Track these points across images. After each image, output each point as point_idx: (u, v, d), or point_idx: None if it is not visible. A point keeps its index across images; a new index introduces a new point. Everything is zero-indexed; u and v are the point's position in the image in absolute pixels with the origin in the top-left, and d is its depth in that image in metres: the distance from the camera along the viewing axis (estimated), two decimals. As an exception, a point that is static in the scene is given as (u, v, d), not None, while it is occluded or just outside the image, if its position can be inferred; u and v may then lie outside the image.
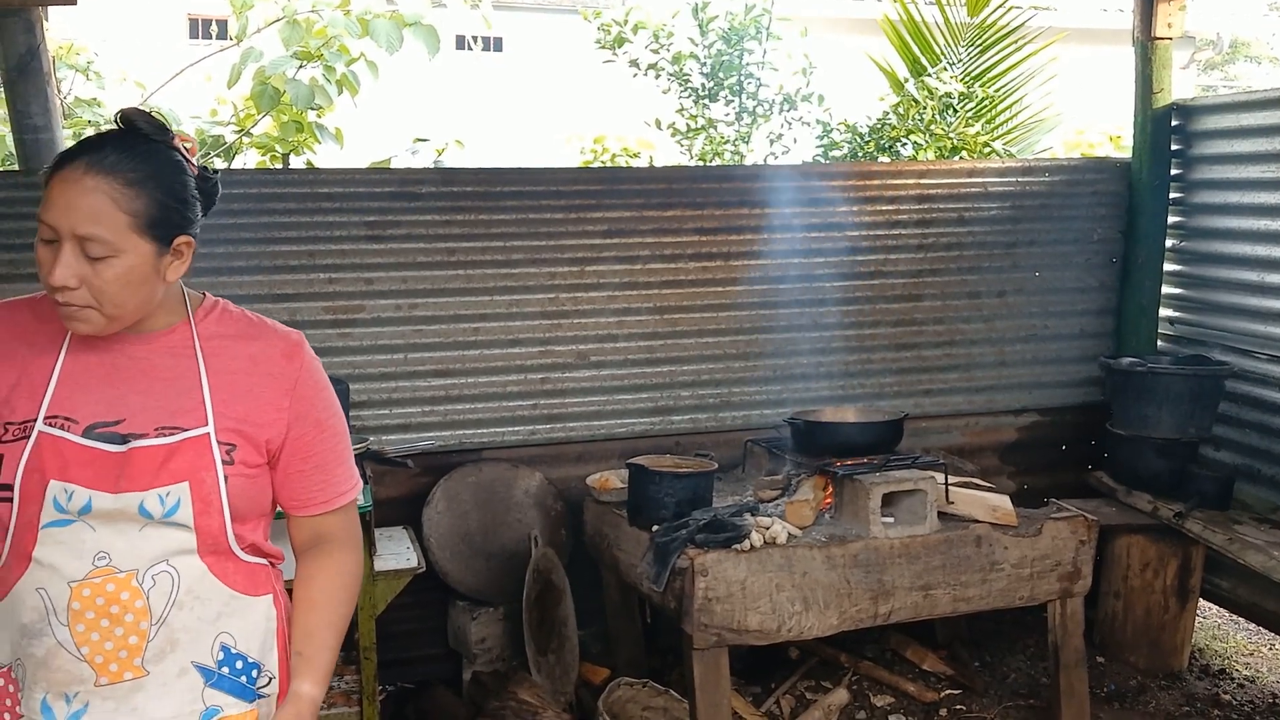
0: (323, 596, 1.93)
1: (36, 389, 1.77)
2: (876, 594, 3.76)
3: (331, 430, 1.94)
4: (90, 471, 1.73)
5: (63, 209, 1.67)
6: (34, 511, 1.73)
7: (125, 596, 1.74)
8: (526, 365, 4.74)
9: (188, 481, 1.76)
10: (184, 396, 1.80)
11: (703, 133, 6.66)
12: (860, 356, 5.08)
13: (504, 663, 4.47)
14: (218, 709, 1.84)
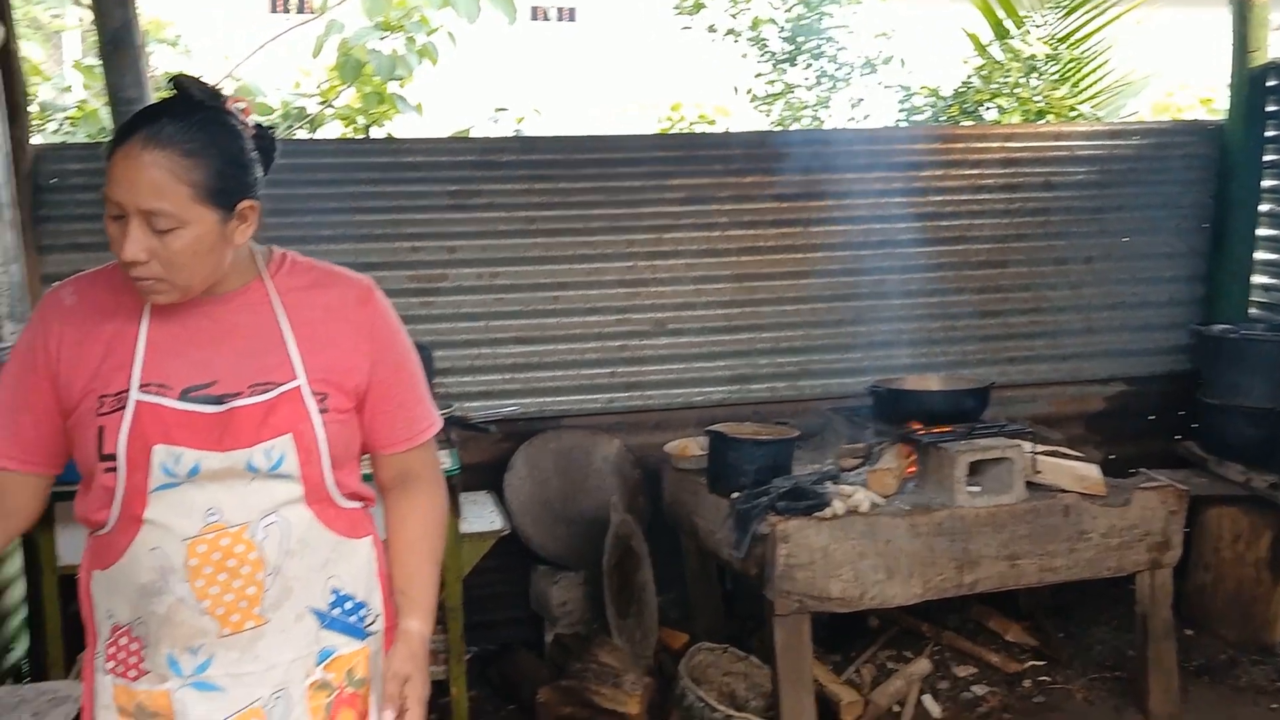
0: (418, 535, 1.99)
1: (125, 360, 1.79)
2: (961, 563, 3.72)
3: (409, 370, 1.98)
4: (193, 434, 1.76)
5: (126, 186, 1.68)
6: (141, 477, 1.76)
7: (240, 549, 1.79)
8: (605, 333, 4.76)
9: (290, 434, 1.80)
10: (270, 352, 1.83)
11: (781, 98, 6.60)
12: (943, 324, 5.02)
13: (585, 626, 4.51)
14: (332, 649, 1.90)
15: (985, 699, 4.27)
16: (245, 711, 1.83)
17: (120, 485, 1.76)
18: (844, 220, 4.90)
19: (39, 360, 1.82)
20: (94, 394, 1.79)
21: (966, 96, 6.34)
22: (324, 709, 1.89)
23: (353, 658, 1.92)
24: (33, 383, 1.82)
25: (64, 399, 1.81)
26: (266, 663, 1.84)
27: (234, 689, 1.82)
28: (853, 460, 4.05)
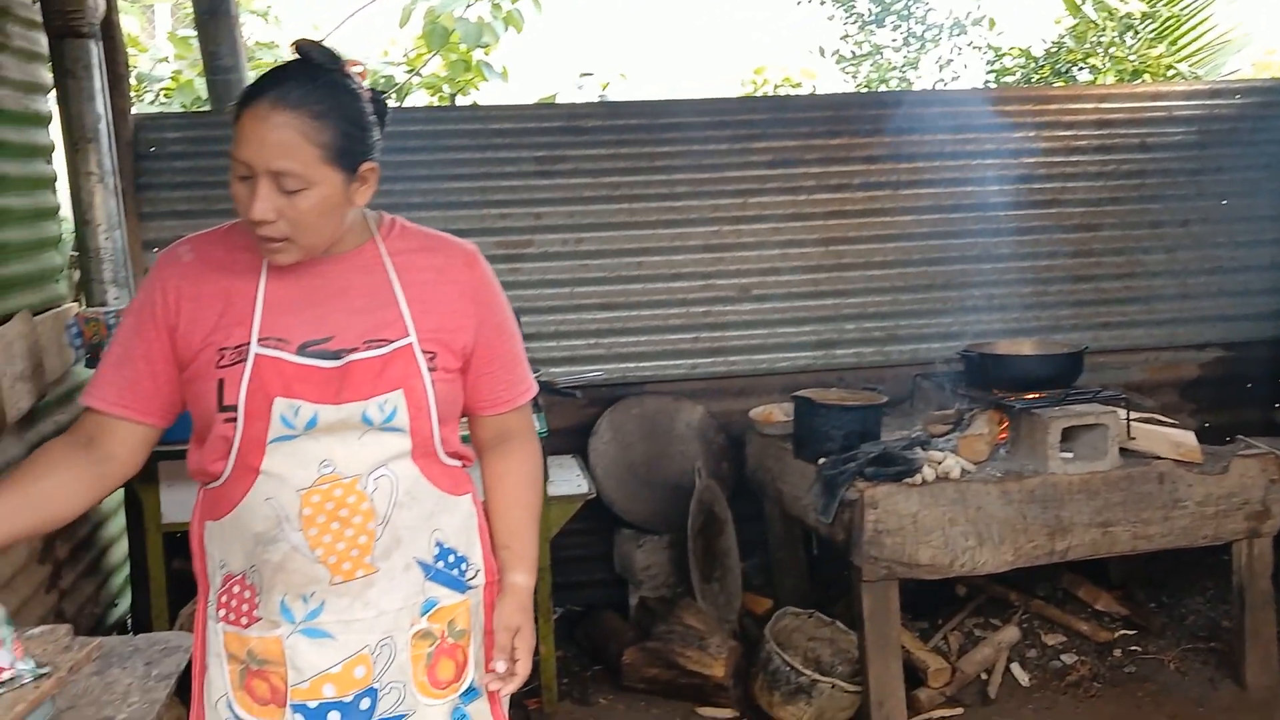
0: (518, 491, 2.04)
1: (244, 315, 1.83)
2: (1053, 530, 3.68)
3: (510, 332, 2.02)
4: (311, 387, 1.80)
5: (256, 146, 1.71)
6: (261, 428, 1.80)
7: (352, 500, 1.83)
8: (689, 299, 4.76)
9: (402, 389, 1.84)
10: (384, 310, 1.86)
11: (868, 59, 6.52)
12: (1035, 289, 4.93)
13: (669, 590, 4.54)
14: (435, 600, 1.93)
15: (1074, 668, 4.23)
16: (353, 658, 1.87)
17: (238, 436, 1.81)
18: (933, 183, 4.84)
19: (157, 314, 1.86)
20: (213, 347, 1.83)
21: (1059, 57, 6.20)
22: (425, 658, 1.92)
23: (454, 609, 1.96)
24: (149, 335, 1.86)
25: (181, 352, 1.86)
26: (375, 610, 1.88)
27: (343, 636, 1.87)
28: (942, 426, 4.01)
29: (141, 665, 2.11)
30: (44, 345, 3.60)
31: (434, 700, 1.93)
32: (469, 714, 1.97)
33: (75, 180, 3.87)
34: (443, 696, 1.94)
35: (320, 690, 1.86)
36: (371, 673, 1.89)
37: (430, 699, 1.93)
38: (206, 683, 1.93)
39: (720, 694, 3.97)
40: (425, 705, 1.92)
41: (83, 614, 3.89)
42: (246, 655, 1.88)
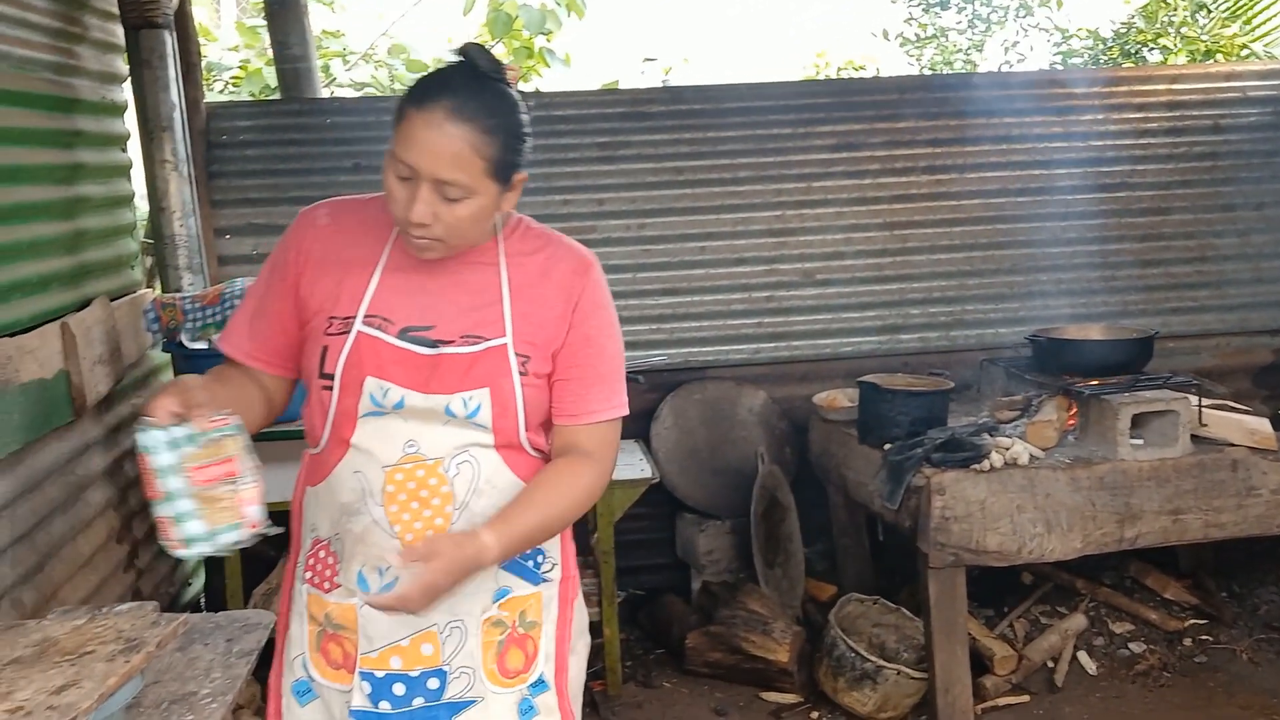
0: (549, 482, 1.92)
1: (358, 289, 1.89)
2: (1123, 517, 3.63)
3: (598, 348, 1.96)
4: (403, 371, 1.85)
5: (428, 154, 1.74)
6: (352, 402, 1.87)
7: (433, 482, 1.87)
8: (751, 284, 4.75)
9: (488, 388, 1.86)
10: (487, 309, 1.89)
11: (933, 41, 6.45)
12: (1104, 273, 4.86)
13: (731, 575, 4.55)
14: (508, 589, 1.96)
15: (1143, 657, 4.19)
16: (420, 634, 1.91)
17: (333, 406, 1.88)
18: (1000, 166, 4.79)
19: (288, 270, 1.95)
20: (324, 313, 1.91)
21: (1128, 37, 6.09)
22: (496, 645, 1.94)
23: (526, 600, 1.98)
24: (279, 290, 1.95)
25: (300, 310, 1.95)
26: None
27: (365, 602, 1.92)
28: (1010, 412, 3.97)
29: (223, 642, 2.16)
30: (121, 330, 3.68)
31: (502, 689, 1.95)
32: (537, 706, 1.98)
33: (150, 168, 3.95)
34: (511, 686, 1.96)
35: (388, 661, 1.91)
36: (440, 653, 1.92)
37: (499, 687, 1.95)
38: (288, 639, 2.01)
39: (784, 679, 3.98)
40: (494, 693, 1.94)
41: (158, 592, 3.98)
42: (324, 618, 1.95)
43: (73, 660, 1.69)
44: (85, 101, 3.72)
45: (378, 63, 6.11)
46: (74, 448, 3.38)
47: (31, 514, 3.05)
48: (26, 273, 3.16)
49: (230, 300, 3.50)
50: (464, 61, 1.83)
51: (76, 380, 3.27)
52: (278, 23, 4.50)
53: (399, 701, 1.91)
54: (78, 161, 3.63)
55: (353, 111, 4.69)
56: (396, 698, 1.91)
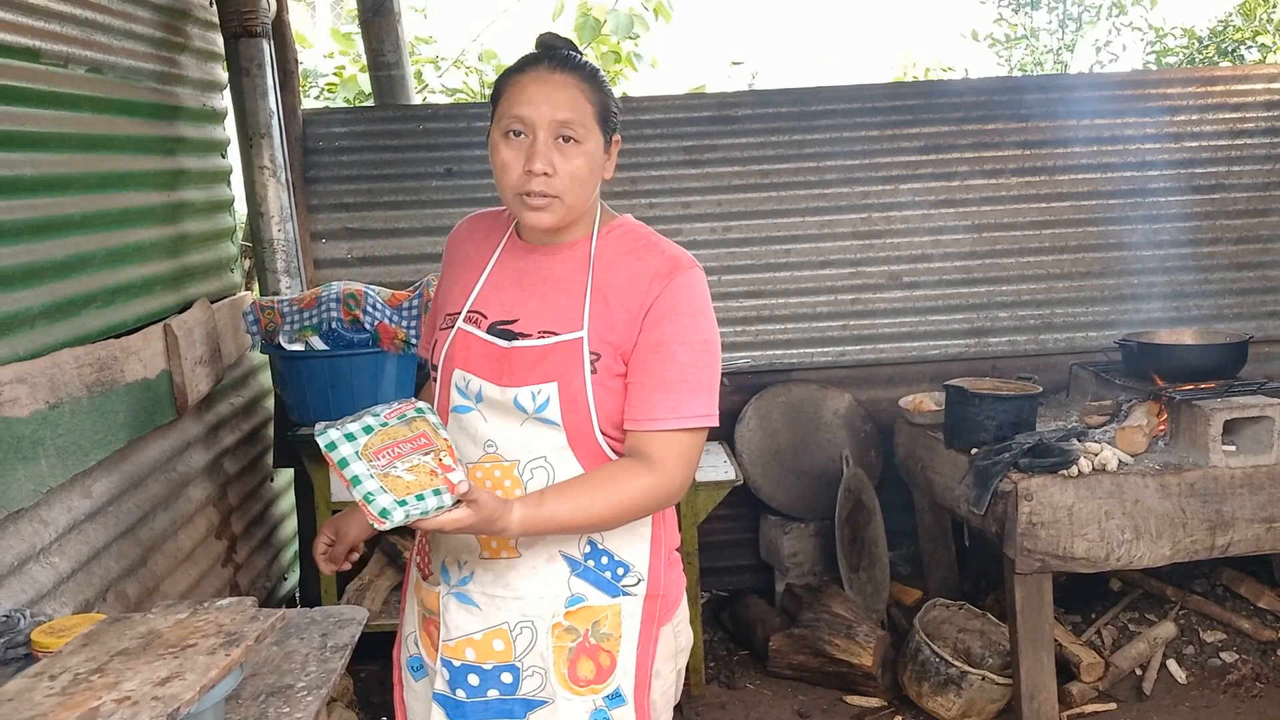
0: (596, 478, 1.88)
1: (468, 288, 2.02)
2: (1214, 525, 3.56)
3: (669, 355, 1.90)
4: (484, 364, 1.93)
5: (540, 100, 1.84)
6: (446, 395, 1.98)
7: (507, 483, 1.92)
8: (837, 286, 4.74)
9: (556, 382, 1.88)
10: (569, 306, 1.92)
11: (1023, 42, 6.36)
12: (1197, 276, 4.77)
13: (815, 577, 4.55)
14: (581, 598, 1.96)
15: (1235, 666, 4.09)
16: (492, 630, 1.97)
17: (437, 397, 2.01)
18: (1090, 168, 4.71)
19: (441, 275, 2.16)
20: (442, 311, 2.07)
21: (1225, 36, 5.94)
22: (567, 651, 1.95)
23: (601, 610, 1.96)
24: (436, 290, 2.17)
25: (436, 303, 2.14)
26: (516, 592, 1.96)
27: (486, 608, 1.97)
28: (1099, 417, 3.92)
29: (318, 636, 2.21)
30: (221, 331, 3.79)
31: (573, 695, 1.95)
32: (612, 718, 1.96)
33: (249, 174, 4.06)
34: (582, 694, 1.95)
35: (463, 652, 1.98)
36: (512, 650, 1.96)
37: (569, 693, 1.95)
38: (405, 617, 2.16)
39: (868, 683, 3.97)
40: (564, 698, 1.95)
41: (255, 587, 4.09)
42: (420, 602, 2.08)
43: (176, 652, 1.75)
44: (187, 109, 3.84)
45: (468, 69, 6.20)
46: (175, 445, 3.50)
47: (135, 509, 3.17)
48: (131, 276, 3.28)
49: (326, 303, 3.59)
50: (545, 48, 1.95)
51: (178, 380, 3.38)
52: (372, 30, 4.59)
53: (473, 691, 1.98)
54: (180, 168, 3.75)
55: (444, 117, 4.77)
56: (471, 687, 1.98)
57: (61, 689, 1.67)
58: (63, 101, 2.96)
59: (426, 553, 2.10)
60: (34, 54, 2.82)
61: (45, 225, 2.81)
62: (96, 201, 3.11)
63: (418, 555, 2.14)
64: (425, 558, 2.10)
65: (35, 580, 2.60)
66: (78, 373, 2.81)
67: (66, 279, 2.89)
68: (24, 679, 1.72)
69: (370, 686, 4.04)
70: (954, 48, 6.34)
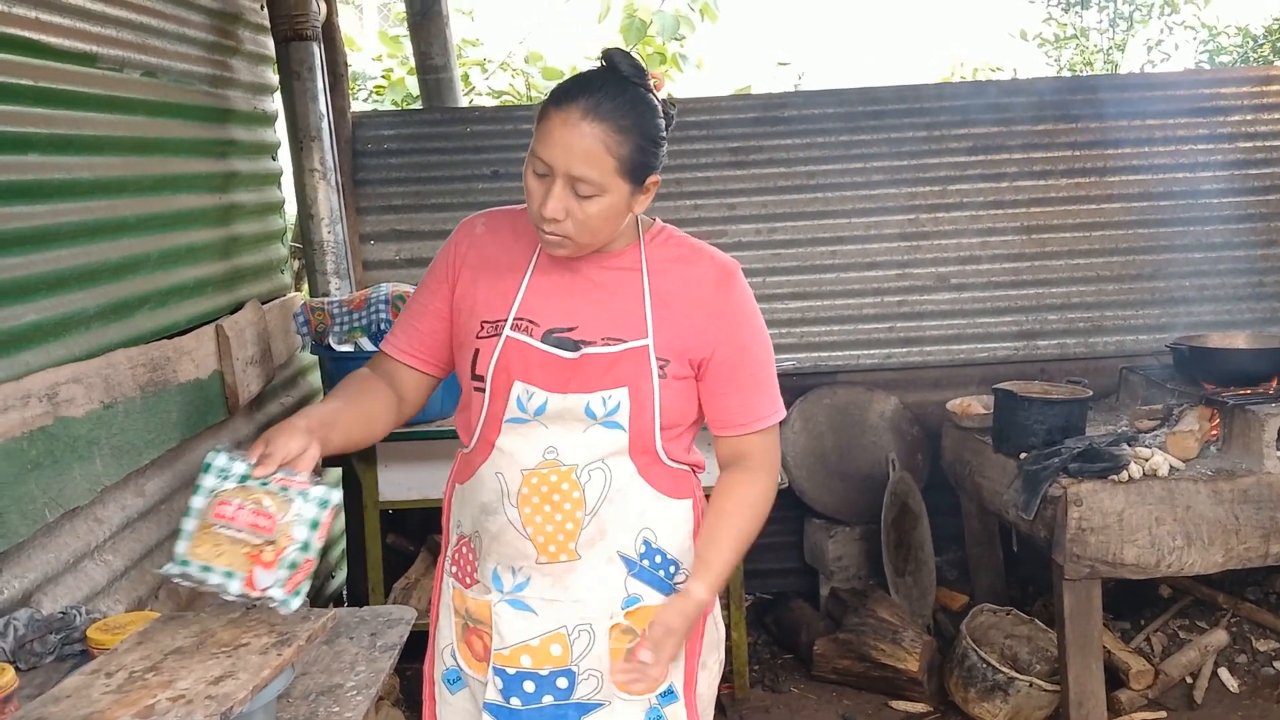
0: (732, 508, 1.98)
1: (508, 294, 1.97)
2: (1268, 532, 3.51)
3: (753, 357, 1.99)
4: (547, 375, 1.92)
5: (561, 150, 1.81)
6: (500, 406, 1.95)
7: (565, 487, 1.93)
8: (884, 288, 4.71)
9: (627, 387, 1.92)
10: (629, 312, 1.95)
11: (1073, 41, 6.29)
12: (1251, 279, 4.69)
13: (860, 581, 4.52)
14: (638, 598, 1.99)
15: (1290, 677, 4.04)
16: (550, 635, 1.97)
17: (484, 409, 1.97)
18: (1143, 169, 4.66)
19: (445, 274, 2.05)
20: (477, 317, 2.00)
21: (1281, 33, 5.85)
22: (624, 652, 1.96)
23: (656, 610, 1.97)
24: (435, 292, 2.06)
25: (454, 312, 2.05)
26: (574, 595, 1.97)
27: (544, 612, 1.97)
28: (1150, 422, 3.87)
29: (367, 636, 2.23)
30: (271, 332, 3.83)
31: (630, 696, 1.97)
32: (665, 715, 2.00)
33: (299, 176, 4.10)
34: (639, 696, 1.98)
35: (518, 659, 1.97)
36: (569, 654, 1.97)
37: (626, 694, 1.97)
38: (438, 630, 2.11)
39: (913, 688, 3.95)
40: (620, 700, 1.97)
41: (303, 584, 4.13)
42: (465, 612, 2.05)
43: (229, 652, 1.77)
44: (238, 112, 3.88)
45: (515, 71, 6.23)
46: (227, 445, 3.54)
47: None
48: (184, 277, 3.33)
49: (375, 305, 3.62)
50: (607, 65, 1.89)
51: (230, 380, 3.42)
52: (420, 33, 4.62)
53: (529, 698, 1.97)
54: (231, 170, 3.79)
55: (491, 120, 4.80)
56: (526, 694, 1.97)
57: (118, 686, 1.69)
58: (118, 105, 3.00)
59: (470, 562, 2.06)
60: (91, 59, 2.86)
61: (101, 227, 2.86)
62: (150, 204, 3.15)
63: (452, 565, 2.10)
64: (468, 567, 2.07)
65: (90, 577, 2.64)
66: (131, 373, 2.85)
67: (121, 281, 2.93)
68: (81, 676, 1.74)
69: (415, 685, 4.06)
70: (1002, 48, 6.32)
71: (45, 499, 2.42)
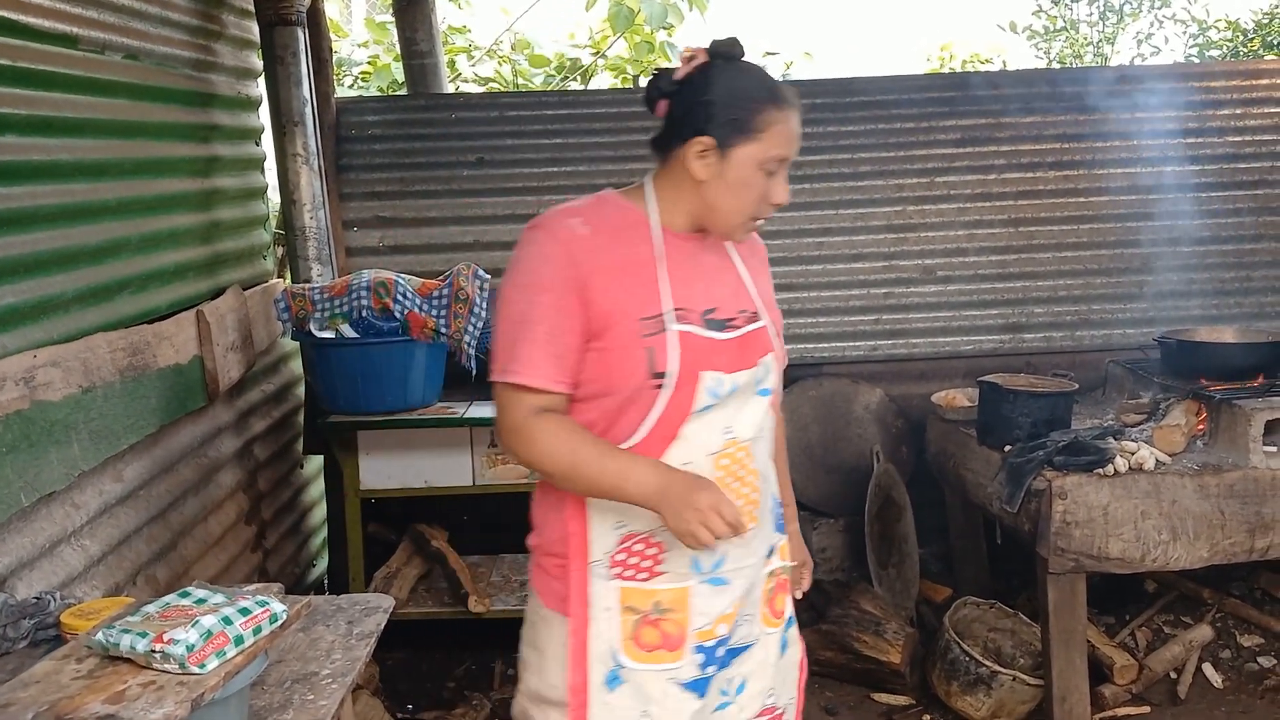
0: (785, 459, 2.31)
1: (652, 288, 1.94)
2: (1254, 527, 3.51)
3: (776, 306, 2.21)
4: (727, 359, 1.97)
5: (796, 143, 1.98)
6: (687, 398, 1.93)
7: (745, 460, 2.01)
8: (870, 280, 4.70)
9: (771, 353, 2.06)
10: (736, 284, 2.06)
11: (1062, 34, 6.28)
12: (1239, 273, 4.69)
13: (844, 573, 4.52)
14: (775, 542, 2.17)
15: (1272, 671, 4.04)
16: (739, 598, 2.06)
17: (662, 403, 1.93)
18: (1131, 162, 4.65)
19: (571, 285, 1.91)
20: (632, 317, 1.93)
21: (1270, 28, 5.85)
22: (768, 592, 2.14)
23: (783, 547, 2.20)
24: (568, 310, 1.91)
25: (594, 321, 1.93)
26: (756, 554, 2.08)
27: (735, 581, 2.05)
28: (1136, 416, 3.87)
29: (344, 624, 2.22)
30: (253, 318, 3.81)
31: (771, 629, 2.15)
32: (788, 638, 2.22)
33: (282, 161, 4.07)
34: (777, 626, 2.17)
35: (716, 630, 2.04)
36: (741, 607, 2.08)
37: (769, 628, 2.15)
38: (591, 635, 2.00)
39: (896, 680, 3.94)
40: (765, 634, 2.14)
41: (284, 573, 4.11)
42: (652, 606, 1.99)
43: (203, 637, 1.75)
44: (221, 96, 3.85)
45: (502, 58, 6.20)
46: (206, 431, 3.52)
47: (166, 494, 3.19)
48: (165, 262, 3.30)
49: (357, 291, 3.59)
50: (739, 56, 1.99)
51: (210, 366, 3.40)
52: (406, 19, 4.59)
53: (722, 662, 2.07)
54: (214, 154, 3.76)
55: (477, 107, 4.77)
56: (718, 659, 2.06)
57: (88, 672, 1.67)
58: (99, 88, 2.98)
59: (648, 556, 2.00)
60: (72, 40, 2.83)
61: (80, 210, 2.83)
62: (131, 187, 3.12)
63: (614, 568, 2.00)
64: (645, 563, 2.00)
65: (66, 563, 2.62)
66: (110, 357, 2.82)
67: (100, 264, 2.91)
68: (52, 661, 1.72)
69: (396, 674, 4.05)
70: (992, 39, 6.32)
71: (21, 483, 2.40)
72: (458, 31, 5.94)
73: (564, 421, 1.93)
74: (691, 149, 1.93)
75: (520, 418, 1.93)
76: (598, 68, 5.84)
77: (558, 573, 2.03)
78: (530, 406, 1.93)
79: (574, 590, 2.01)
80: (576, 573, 2.01)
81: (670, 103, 1.98)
